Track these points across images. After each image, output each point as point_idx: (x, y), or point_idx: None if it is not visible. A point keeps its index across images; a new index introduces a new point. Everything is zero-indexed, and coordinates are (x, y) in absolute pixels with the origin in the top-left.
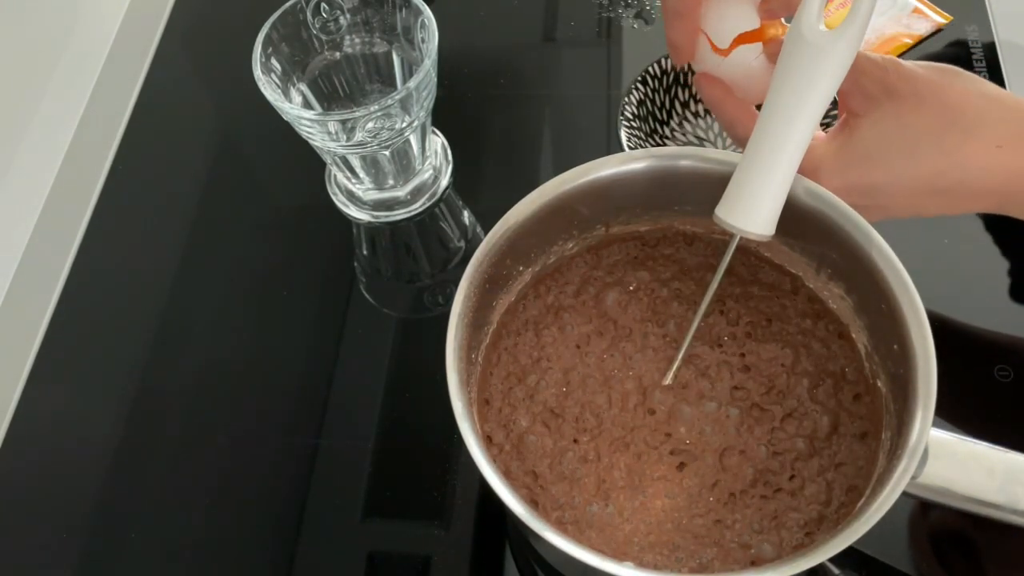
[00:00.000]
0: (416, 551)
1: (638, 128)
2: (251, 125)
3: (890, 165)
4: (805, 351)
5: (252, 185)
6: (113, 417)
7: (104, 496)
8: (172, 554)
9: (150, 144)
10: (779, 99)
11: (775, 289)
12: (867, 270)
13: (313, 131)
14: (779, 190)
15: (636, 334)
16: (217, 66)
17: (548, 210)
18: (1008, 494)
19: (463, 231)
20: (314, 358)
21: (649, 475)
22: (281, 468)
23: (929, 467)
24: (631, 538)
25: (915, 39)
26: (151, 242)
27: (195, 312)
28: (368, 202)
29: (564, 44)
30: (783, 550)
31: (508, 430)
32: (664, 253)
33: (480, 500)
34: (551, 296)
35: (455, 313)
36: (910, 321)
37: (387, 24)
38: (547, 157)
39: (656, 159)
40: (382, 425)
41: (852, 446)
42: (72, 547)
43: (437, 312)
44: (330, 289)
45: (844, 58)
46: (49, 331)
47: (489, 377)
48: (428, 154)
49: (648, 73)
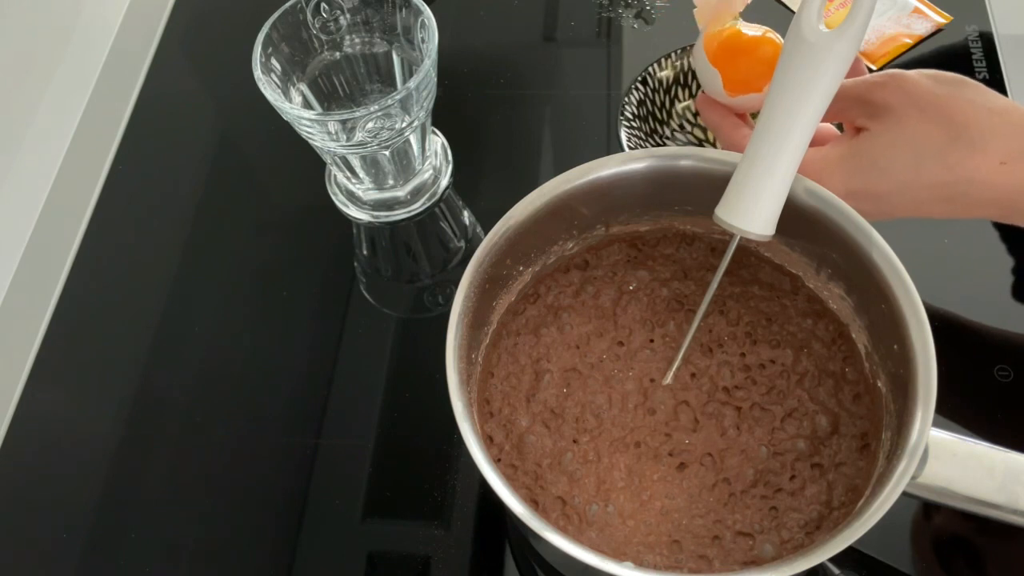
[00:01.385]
0: (416, 551)
1: (638, 128)
2: (251, 125)
3: (895, 176)
4: (805, 351)
5: (252, 185)
6: (113, 417)
7: (104, 496)
8: (172, 554)
9: (150, 144)
10: (779, 99)
11: (775, 289)
12: (867, 270)
13: (313, 131)
14: (779, 190)
15: (636, 334)
16: (217, 66)
17: (548, 210)
18: (1008, 494)
19: (463, 231)
20: (314, 358)
21: (649, 475)
22: (281, 468)
23: (929, 467)
24: (631, 538)
25: (915, 39)
26: (151, 242)
27: (195, 312)
28: (368, 202)
29: (564, 44)
30: (783, 550)
31: (508, 430)
32: (664, 253)
33: (480, 500)
34: (551, 296)
35: (455, 313)
36: (910, 321)
37: (387, 24)
38: (547, 157)
39: (656, 159)
40: (382, 425)
41: (852, 446)
42: (72, 547)
43: (437, 312)
44: (330, 289)
45: (844, 58)
46: (49, 331)
47: (489, 377)
48: (428, 154)
49: (648, 73)
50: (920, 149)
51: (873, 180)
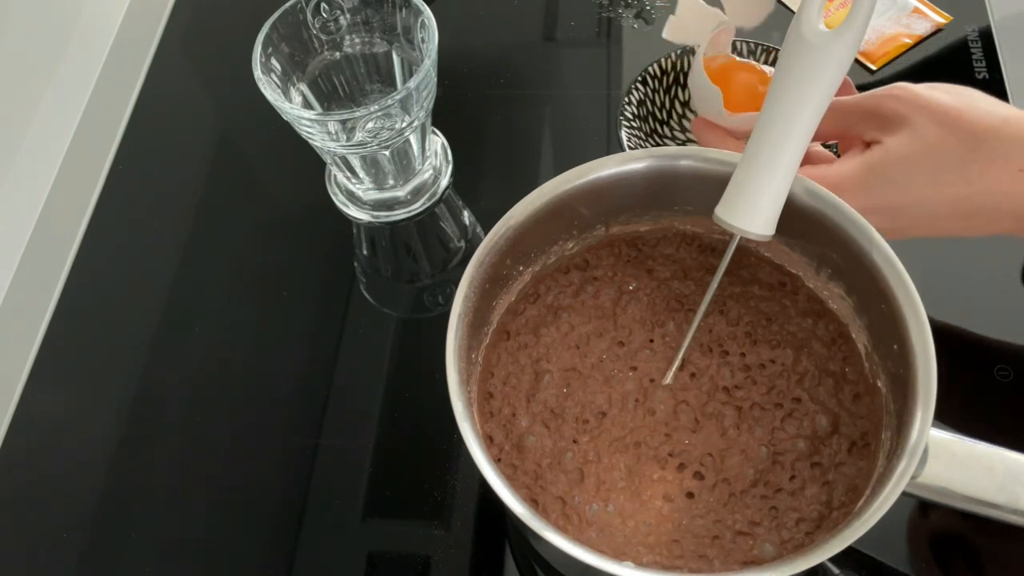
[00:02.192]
0: (416, 551)
1: (638, 128)
2: (251, 125)
3: (913, 190)
4: (805, 351)
5: (252, 185)
6: (113, 417)
7: (104, 496)
8: (172, 554)
9: (150, 144)
10: (779, 99)
11: (775, 289)
12: (867, 270)
13: (313, 131)
14: (779, 190)
15: (636, 334)
16: (217, 66)
17: (548, 210)
18: (1008, 494)
19: (463, 231)
20: (314, 358)
21: (649, 475)
22: (281, 468)
23: (929, 467)
24: (631, 538)
25: (915, 39)
26: (151, 242)
27: (195, 312)
28: (368, 202)
29: (564, 44)
30: (783, 550)
31: (508, 430)
32: (664, 253)
33: (480, 500)
34: (551, 296)
35: (455, 313)
36: (910, 321)
37: (387, 24)
38: (547, 157)
39: (656, 159)
40: (382, 425)
41: (852, 446)
42: (72, 547)
43: (437, 312)
44: (330, 289)
45: (844, 58)
46: (49, 331)
47: (489, 377)
48: (428, 154)
49: (648, 73)
50: (939, 162)
51: (890, 195)
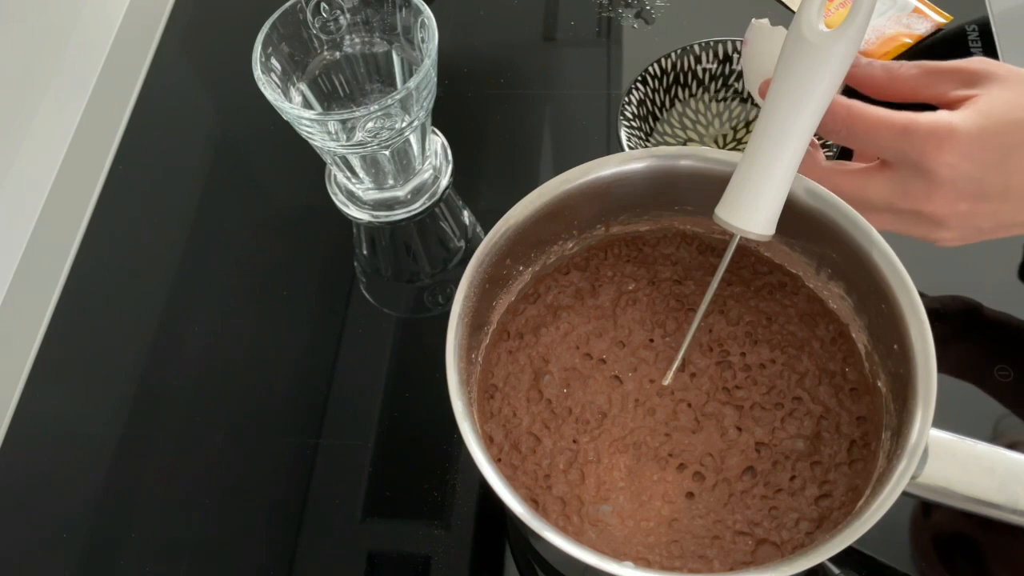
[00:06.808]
0: (416, 551)
1: (638, 128)
2: (251, 125)
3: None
4: (805, 351)
5: (252, 185)
6: (113, 417)
7: (104, 496)
8: (172, 554)
9: (150, 144)
10: (779, 99)
11: (775, 289)
12: (867, 270)
13: (313, 131)
14: (779, 190)
15: (636, 334)
16: (217, 66)
17: (548, 210)
18: (1008, 494)
19: (463, 231)
20: (314, 358)
21: (649, 476)
22: (281, 468)
23: (929, 467)
24: (631, 538)
25: (915, 39)
26: (151, 242)
27: (195, 312)
28: (368, 202)
29: (564, 44)
30: (783, 550)
31: (508, 430)
32: (664, 253)
33: (480, 500)
34: (551, 296)
35: (455, 313)
36: (910, 321)
37: (387, 24)
38: (547, 157)
39: (656, 159)
40: (382, 425)
41: (852, 446)
42: (72, 546)
43: (437, 312)
44: (330, 289)
45: (844, 58)
46: (49, 331)
47: (489, 377)
48: (428, 154)
49: (648, 73)
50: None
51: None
